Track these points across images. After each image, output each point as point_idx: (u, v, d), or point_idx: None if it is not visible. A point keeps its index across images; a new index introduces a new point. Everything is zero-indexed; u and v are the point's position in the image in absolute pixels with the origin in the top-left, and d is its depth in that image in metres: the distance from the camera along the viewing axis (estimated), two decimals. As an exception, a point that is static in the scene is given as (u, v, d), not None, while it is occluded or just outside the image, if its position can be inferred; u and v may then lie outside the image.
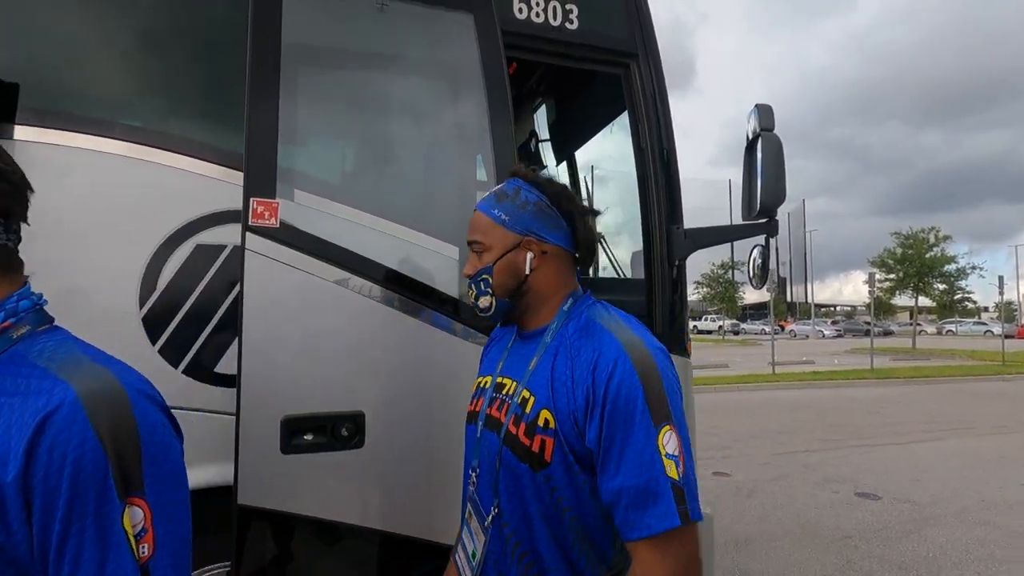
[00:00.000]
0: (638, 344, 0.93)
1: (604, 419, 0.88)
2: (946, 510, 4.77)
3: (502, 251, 1.05)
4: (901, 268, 30.34)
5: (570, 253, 1.09)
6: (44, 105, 1.58)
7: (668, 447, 0.84)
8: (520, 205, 1.05)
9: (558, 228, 1.07)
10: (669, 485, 0.82)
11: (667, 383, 0.90)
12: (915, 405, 10.37)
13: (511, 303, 1.08)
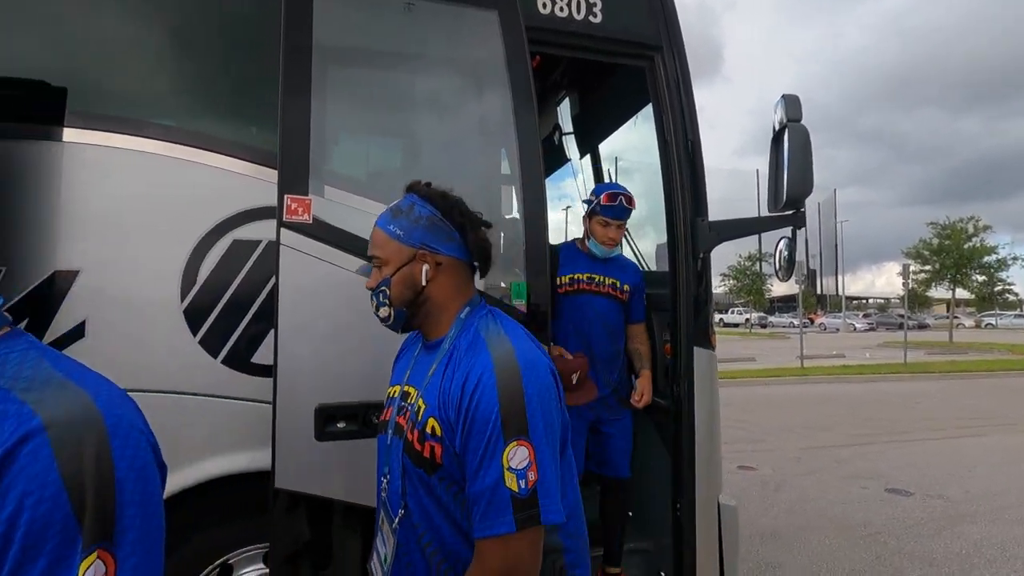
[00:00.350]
0: (508, 361, 0.99)
1: (465, 431, 0.97)
2: (982, 507, 4.65)
3: (398, 264, 1.12)
4: (937, 259, 29.37)
5: (466, 263, 1.16)
6: (89, 108, 1.66)
7: (513, 462, 0.93)
8: (414, 220, 1.12)
9: (451, 240, 1.13)
10: (508, 496, 0.92)
11: (529, 398, 0.96)
12: (951, 400, 10.08)
13: (409, 313, 1.15)
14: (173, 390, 1.65)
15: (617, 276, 2.50)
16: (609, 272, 2.50)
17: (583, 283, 2.47)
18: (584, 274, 2.48)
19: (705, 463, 2.14)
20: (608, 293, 2.49)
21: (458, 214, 1.14)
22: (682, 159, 2.17)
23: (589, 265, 2.50)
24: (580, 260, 2.52)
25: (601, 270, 2.50)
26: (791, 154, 1.97)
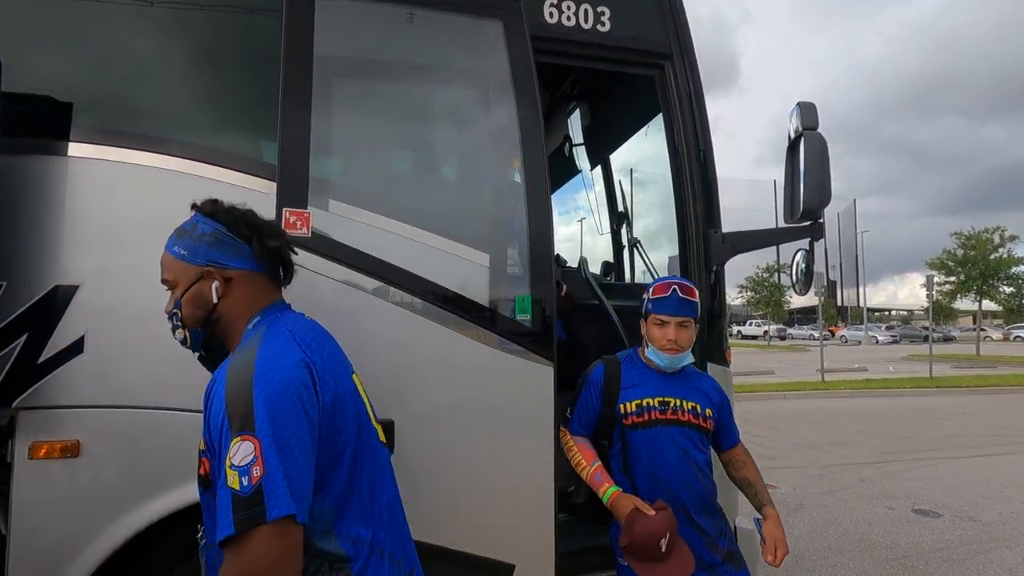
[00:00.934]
0: (243, 361, 0.97)
1: (209, 437, 0.97)
2: (1016, 531, 4.43)
3: (187, 285, 1.11)
4: (963, 270, 28.68)
5: (260, 273, 1.14)
6: (93, 123, 1.65)
7: (235, 458, 0.88)
8: (197, 238, 1.12)
9: (240, 253, 1.12)
10: (229, 496, 0.87)
11: (257, 394, 0.92)
12: (980, 416, 9.73)
13: (207, 333, 1.13)
14: (174, 407, 1.62)
15: (696, 398, 1.80)
16: (686, 392, 1.80)
17: (655, 411, 1.77)
18: (655, 398, 1.77)
19: (722, 486, 2.05)
20: (689, 422, 1.78)
21: (245, 226, 1.13)
22: (694, 169, 2.11)
23: (659, 384, 1.79)
24: (647, 377, 1.80)
25: (674, 389, 1.80)
26: (807, 163, 1.90)
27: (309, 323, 1.17)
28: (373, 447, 1.12)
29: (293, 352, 1.00)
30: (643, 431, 1.77)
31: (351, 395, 1.08)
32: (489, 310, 1.67)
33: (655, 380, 1.81)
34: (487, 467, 1.64)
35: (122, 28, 1.73)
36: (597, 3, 2.03)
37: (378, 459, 1.13)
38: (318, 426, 0.96)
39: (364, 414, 1.12)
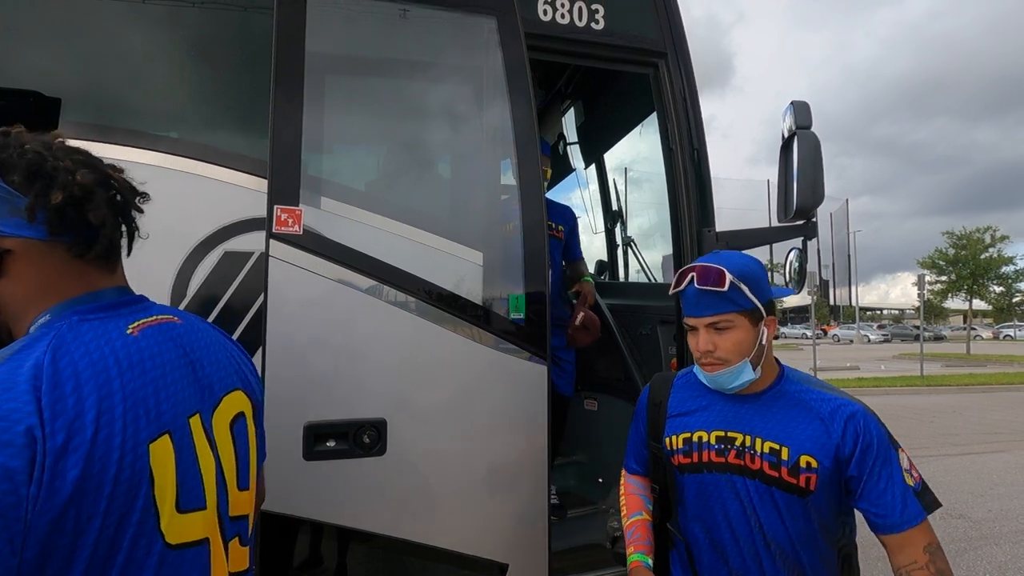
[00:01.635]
0: None
1: None
2: (1006, 528, 4.47)
3: None
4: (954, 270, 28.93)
5: (57, 244, 0.75)
6: (81, 117, 1.63)
7: None
8: None
9: (16, 212, 0.73)
10: None
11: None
12: (971, 414, 9.81)
13: None
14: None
15: (781, 437, 1.21)
16: (767, 425, 1.23)
17: (710, 450, 1.26)
18: (712, 432, 1.27)
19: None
20: (762, 472, 1.21)
21: (24, 170, 0.72)
22: (688, 168, 2.10)
23: (724, 412, 1.28)
24: (709, 401, 1.31)
25: (748, 420, 1.25)
26: (800, 162, 1.90)
27: (141, 337, 0.76)
28: (177, 557, 0.71)
29: (17, 387, 0.63)
30: (692, 476, 1.27)
31: (163, 461, 0.71)
32: (482, 308, 1.66)
33: (720, 406, 1.26)
34: (479, 466, 1.64)
35: (108, 22, 1.71)
36: (591, 1, 2.02)
37: None
38: (23, 531, 0.58)
39: (193, 489, 0.75)
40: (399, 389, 1.57)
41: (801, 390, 1.25)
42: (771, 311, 1.24)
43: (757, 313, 1.21)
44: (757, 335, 1.20)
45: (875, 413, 1.21)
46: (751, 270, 1.21)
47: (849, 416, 1.17)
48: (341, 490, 1.51)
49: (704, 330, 1.21)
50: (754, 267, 1.23)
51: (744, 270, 1.20)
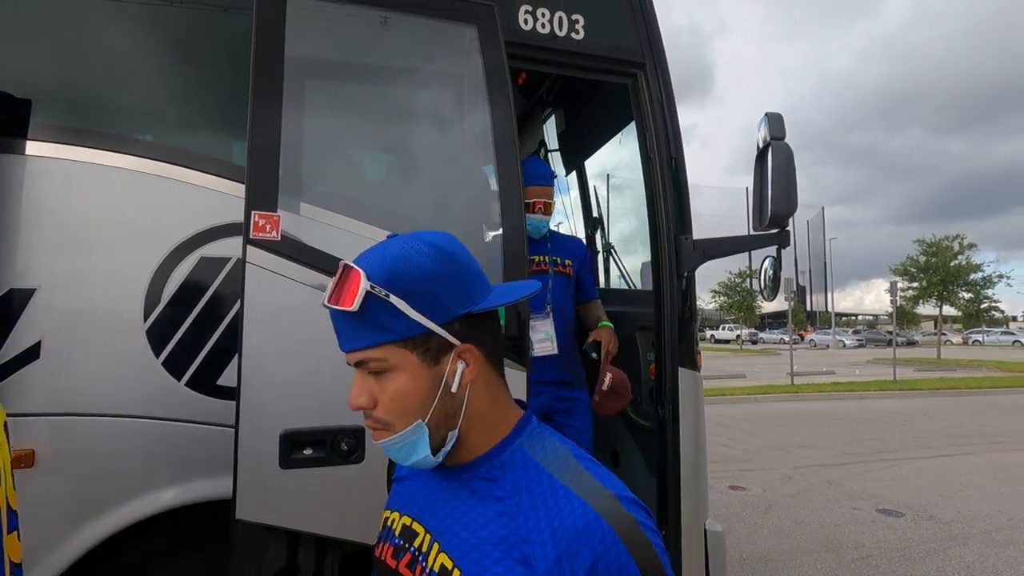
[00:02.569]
0: None
1: None
2: (974, 528, 4.60)
3: None
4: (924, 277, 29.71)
5: None
6: (55, 120, 1.60)
7: None
8: None
9: None
10: None
11: None
12: (941, 418, 10.07)
13: None
14: (133, 414, 1.57)
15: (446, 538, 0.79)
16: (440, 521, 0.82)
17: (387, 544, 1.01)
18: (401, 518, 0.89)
19: (691, 488, 2.08)
20: None
21: None
22: (666, 176, 2.14)
23: (424, 491, 0.90)
24: None
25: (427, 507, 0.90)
26: (775, 172, 1.95)
27: None
28: None
29: None
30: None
31: None
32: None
33: (421, 483, 0.85)
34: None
35: (86, 23, 1.68)
36: (571, 11, 2.05)
37: None
38: None
39: None
40: (378, 396, 1.56)
41: (530, 477, 0.71)
42: (479, 332, 0.74)
43: (433, 342, 0.71)
44: (437, 379, 0.71)
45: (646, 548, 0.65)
46: (417, 268, 0.70)
47: (575, 551, 0.63)
48: (319, 498, 1.49)
49: (357, 373, 0.76)
50: (425, 263, 0.71)
51: (403, 269, 0.70)
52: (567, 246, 2.61)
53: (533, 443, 0.76)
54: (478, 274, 0.78)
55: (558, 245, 2.58)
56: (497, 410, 0.78)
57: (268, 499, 1.44)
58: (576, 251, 2.61)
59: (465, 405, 0.74)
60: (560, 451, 0.75)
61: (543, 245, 2.55)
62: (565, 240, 2.68)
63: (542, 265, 2.51)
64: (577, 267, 2.57)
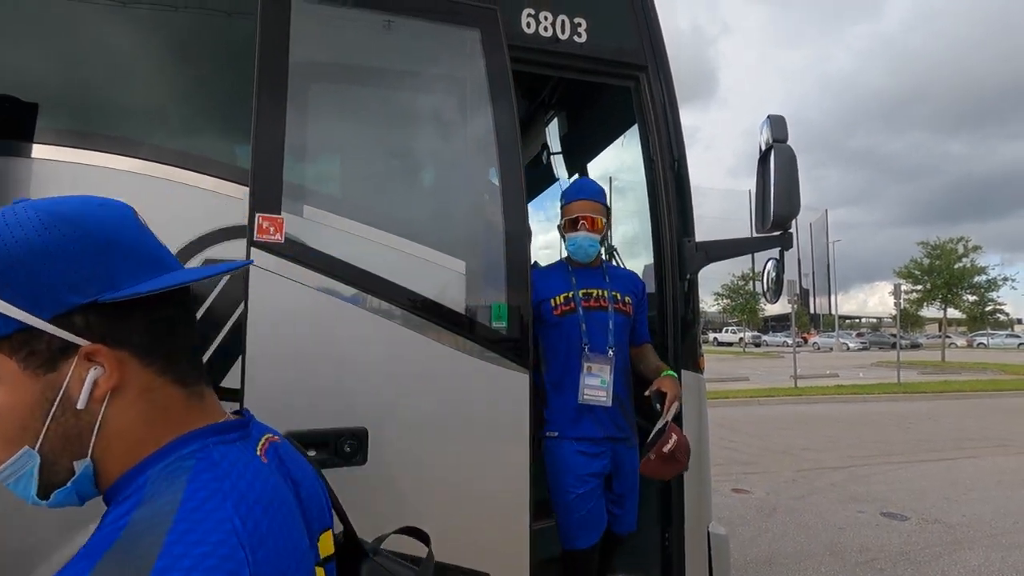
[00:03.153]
0: None
1: None
2: (979, 532, 4.57)
3: None
4: (928, 279, 29.60)
5: None
6: (59, 124, 1.61)
7: None
8: None
9: None
10: None
11: None
12: (945, 421, 10.03)
13: None
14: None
15: None
16: None
17: None
18: None
19: (695, 491, 2.08)
20: None
21: None
22: (668, 179, 2.14)
23: None
24: None
25: None
26: (777, 174, 1.95)
27: None
28: None
29: None
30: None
31: None
32: (464, 317, 1.67)
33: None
34: (461, 475, 1.64)
35: (90, 26, 1.70)
36: (574, 15, 2.06)
37: None
38: None
39: None
40: (380, 398, 1.57)
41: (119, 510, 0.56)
42: (129, 327, 0.57)
43: (43, 342, 0.54)
44: (51, 391, 0.55)
45: None
46: (6, 243, 0.53)
47: None
48: (321, 500, 1.50)
49: None
50: (21, 236, 0.53)
51: None
52: (624, 280, 2.28)
53: (160, 480, 0.54)
54: (132, 251, 0.57)
55: (616, 278, 2.26)
56: (155, 429, 0.57)
57: (271, 501, 1.44)
58: (633, 286, 2.26)
59: (99, 425, 0.55)
60: (163, 506, 0.50)
61: (600, 277, 2.22)
62: (621, 273, 2.37)
63: (600, 301, 2.16)
64: (636, 305, 2.22)
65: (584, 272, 2.22)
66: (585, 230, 2.16)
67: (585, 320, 2.11)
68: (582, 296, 2.15)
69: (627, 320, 2.18)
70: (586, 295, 2.16)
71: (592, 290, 2.18)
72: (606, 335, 2.12)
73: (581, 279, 2.19)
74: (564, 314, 2.13)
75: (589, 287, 2.18)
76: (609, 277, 2.25)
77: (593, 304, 2.16)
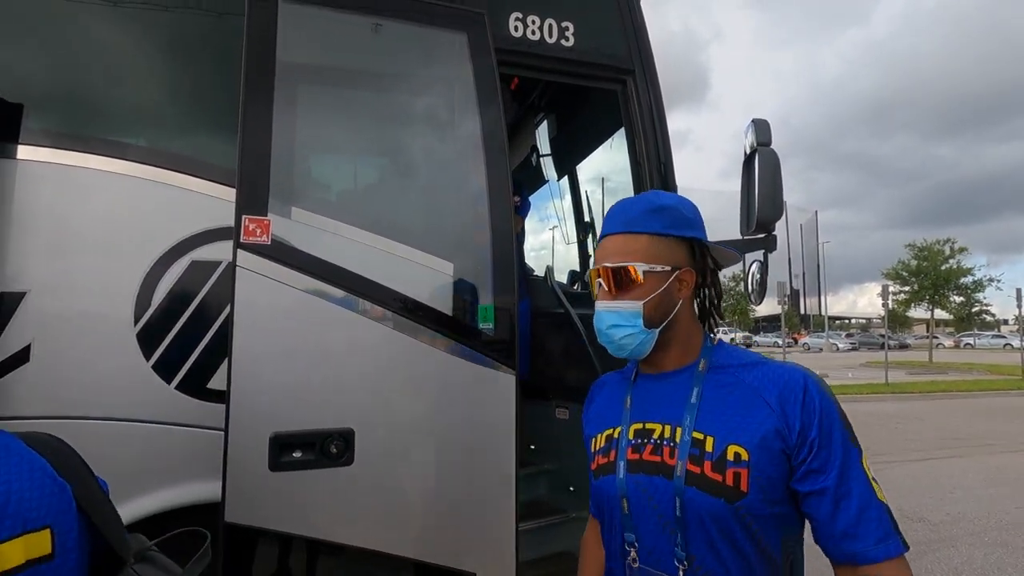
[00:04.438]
0: None
1: None
2: (962, 531, 4.63)
3: None
4: (916, 280, 29.92)
5: None
6: (45, 125, 1.61)
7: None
8: None
9: None
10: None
11: None
12: (932, 421, 10.14)
13: None
14: (123, 417, 1.58)
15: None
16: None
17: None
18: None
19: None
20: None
21: None
22: (655, 181, 2.16)
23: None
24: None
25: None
26: (761, 178, 1.97)
27: None
28: None
29: None
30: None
31: None
32: (451, 319, 1.68)
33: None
34: (448, 476, 1.65)
35: (77, 27, 1.69)
36: (561, 19, 2.07)
37: None
38: None
39: None
40: (367, 399, 1.58)
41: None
42: None
43: None
44: None
45: None
46: None
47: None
48: (308, 501, 1.50)
49: None
50: None
51: None
52: (748, 398, 0.96)
53: None
54: None
55: (722, 396, 0.97)
56: None
57: (257, 502, 1.45)
58: (781, 414, 0.92)
59: None
60: None
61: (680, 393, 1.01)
62: (750, 382, 0.98)
63: (663, 450, 0.97)
64: (778, 459, 0.91)
65: (653, 384, 1.05)
66: (604, 296, 1.03)
67: (628, 491, 0.99)
68: (631, 438, 1.01)
69: (722, 504, 0.91)
70: (638, 436, 1.01)
71: (654, 425, 1.01)
72: (665, 531, 0.95)
73: (642, 398, 1.05)
74: (600, 472, 1.06)
75: (649, 418, 1.02)
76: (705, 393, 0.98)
77: (648, 458, 0.99)
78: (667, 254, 1.01)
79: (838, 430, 0.92)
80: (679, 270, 1.02)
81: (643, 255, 1.00)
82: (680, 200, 1.07)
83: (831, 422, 0.92)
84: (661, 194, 1.09)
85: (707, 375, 1.00)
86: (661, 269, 1.00)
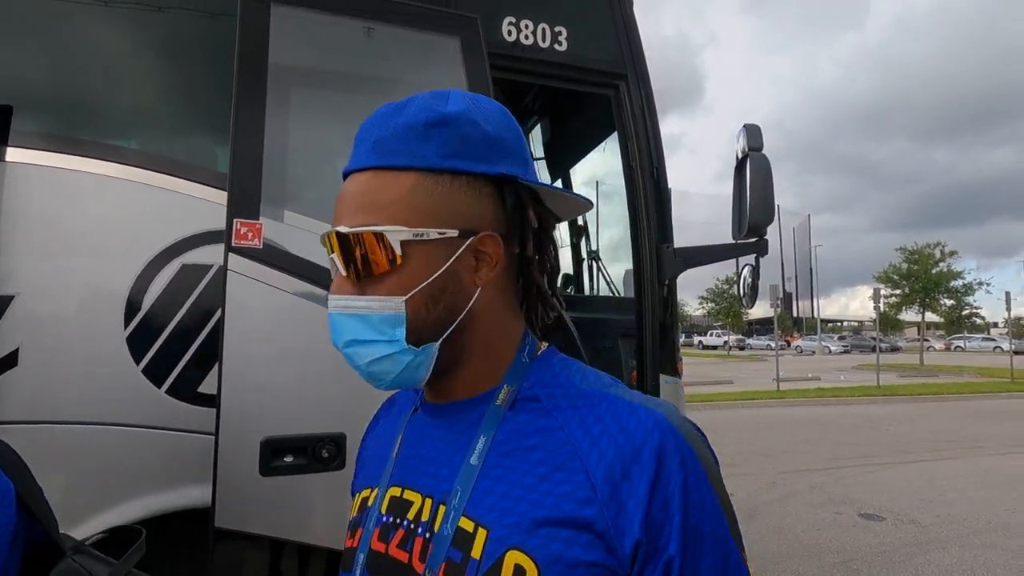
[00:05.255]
0: None
1: None
2: (952, 532, 4.67)
3: None
4: (907, 284, 30.19)
5: None
6: (34, 127, 1.60)
7: None
8: None
9: None
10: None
11: None
12: (922, 423, 10.22)
13: None
14: (112, 422, 1.57)
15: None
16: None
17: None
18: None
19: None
20: None
21: None
22: (647, 186, 2.18)
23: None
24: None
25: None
26: (752, 183, 1.99)
27: None
28: None
29: None
30: None
31: None
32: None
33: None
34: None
35: (67, 28, 1.69)
36: (554, 23, 2.08)
37: None
38: None
39: None
40: (358, 403, 1.57)
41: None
42: None
43: None
44: None
45: None
46: None
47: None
48: (299, 506, 1.50)
49: None
50: None
51: None
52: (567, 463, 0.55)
53: None
54: None
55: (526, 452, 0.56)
56: None
57: (248, 507, 1.44)
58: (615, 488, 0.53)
59: None
60: None
61: (457, 443, 0.60)
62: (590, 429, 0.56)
63: (413, 539, 0.58)
64: None
65: (430, 422, 0.65)
66: (341, 286, 0.61)
67: None
68: (384, 511, 0.63)
69: None
70: (392, 511, 0.62)
71: (413, 495, 0.61)
72: None
73: (414, 443, 0.66)
74: (343, 561, 0.67)
75: (410, 483, 0.63)
76: (495, 447, 0.57)
77: (393, 552, 0.59)
78: (451, 206, 0.57)
79: (712, 530, 0.53)
80: (474, 235, 0.57)
81: (403, 210, 0.56)
82: (478, 104, 0.61)
83: (700, 517, 0.52)
84: (449, 94, 0.61)
85: (508, 413, 0.58)
86: (439, 235, 0.56)
